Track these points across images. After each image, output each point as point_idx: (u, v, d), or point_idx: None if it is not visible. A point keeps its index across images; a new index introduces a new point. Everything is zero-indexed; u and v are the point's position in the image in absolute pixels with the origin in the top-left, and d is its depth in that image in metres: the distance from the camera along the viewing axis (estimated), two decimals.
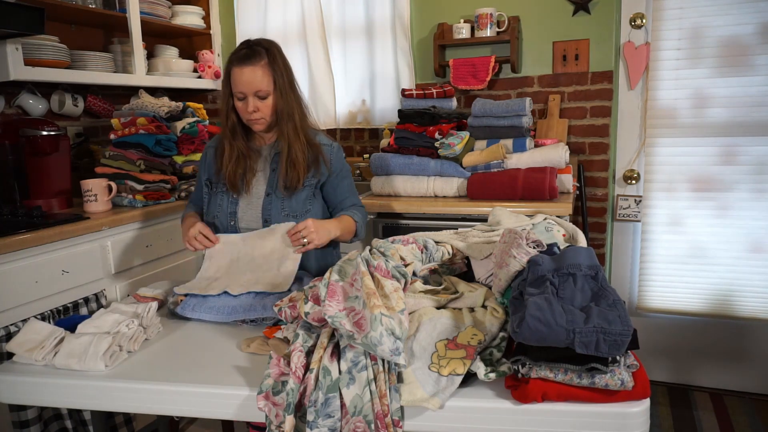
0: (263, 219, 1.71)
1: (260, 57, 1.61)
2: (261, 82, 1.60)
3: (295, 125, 1.68)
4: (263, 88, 1.61)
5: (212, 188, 1.77)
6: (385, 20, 2.85)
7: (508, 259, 1.17)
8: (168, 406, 1.10)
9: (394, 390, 0.97)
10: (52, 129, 2.27)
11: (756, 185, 2.47)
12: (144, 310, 1.29)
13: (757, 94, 2.41)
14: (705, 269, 2.60)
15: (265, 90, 1.62)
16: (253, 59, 1.60)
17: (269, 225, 1.69)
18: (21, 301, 1.82)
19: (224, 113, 1.69)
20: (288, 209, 1.71)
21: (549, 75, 2.68)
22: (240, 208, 1.73)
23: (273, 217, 1.70)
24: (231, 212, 1.73)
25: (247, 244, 1.63)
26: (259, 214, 1.71)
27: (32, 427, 1.75)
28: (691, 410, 2.50)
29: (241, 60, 1.60)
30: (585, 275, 1.04)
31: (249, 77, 1.59)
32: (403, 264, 1.25)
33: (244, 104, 1.63)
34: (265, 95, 1.62)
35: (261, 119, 1.65)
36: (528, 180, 2.23)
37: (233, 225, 1.73)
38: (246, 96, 1.62)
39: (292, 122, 1.67)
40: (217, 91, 3.31)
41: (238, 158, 1.71)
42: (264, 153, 1.76)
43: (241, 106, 1.64)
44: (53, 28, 2.42)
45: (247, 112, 1.63)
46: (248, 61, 1.60)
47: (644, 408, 0.92)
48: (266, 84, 1.61)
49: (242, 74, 1.60)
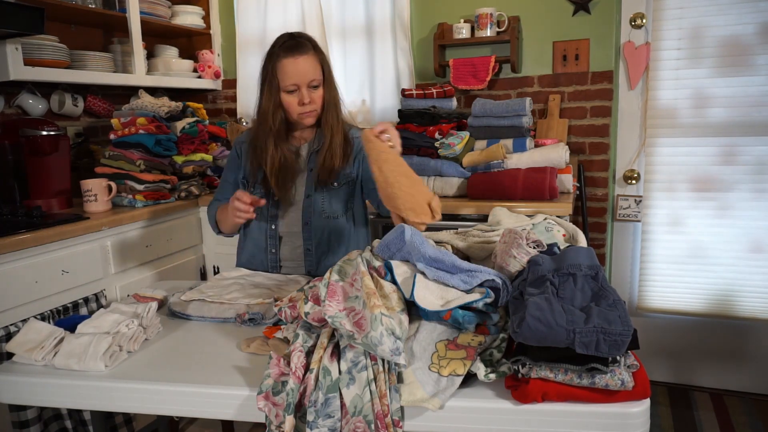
0: (303, 222, 1.68)
1: (307, 47, 1.58)
2: (315, 71, 1.58)
3: (337, 115, 1.66)
4: (317, 77, 1.59)
5: (248, 188, 1.71)
6: (385, 20, 2.85)
7: (508, 259, 1.17)
8: (168, 406, 1.10)
9: (394, 390, 0.97)
10: (52, 129, 2.27)
11: (756, 185, 2.47)
12: (144, 310, 1.29)
13: (757, 94, 2.41)
14: (705, 269, 2.60)
15: (318, 79, 1.59)
16: (302, 49, 1.57)
17: (309, 227, 1.67)
18: (21, 301, 1.82)
19: (269, 112, 1.62)
20: (328, 211, 1.68)
21: (549, 75, 2.68)
22: (281, 211, 1.70)
23: (313, 219, 1.67)
24: (272, 216, 1.70)
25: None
26: (300, 216, 1.68)
27: (32, 427, 1.75)
28: (691, 410, 2.50)
29: (290, 51, 1.56)
30: (585, 275, 1.04)
31: (303, 67, 1.56)
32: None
33: (295, 97, 1.59)
34: (318, 84, 1.60)
35: (314, 111, 1.62)
36: (528, 180, 2.23)
37: (273, 229, 1.70)
38: (299, 87, 1.58)
39: (335, 112, 1.65)
40: (217, 91, 3.31)
41: (282, 161, 1.65)
42: (303, 153, 1.72)
43: (292, 99, 1.59)
44: (53, 28, 2.42)
45: (300, 105, 1.59)
46: (298, 51, 1.56)
47: (644, 408, 0.92)
48: (318, 73, 1.59)
49: (296, 64, 1.56)
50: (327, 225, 1.69)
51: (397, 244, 1.16)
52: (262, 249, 1.72)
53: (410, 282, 1.09)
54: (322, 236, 1.69)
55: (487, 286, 1.09)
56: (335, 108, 1.66)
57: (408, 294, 1.08)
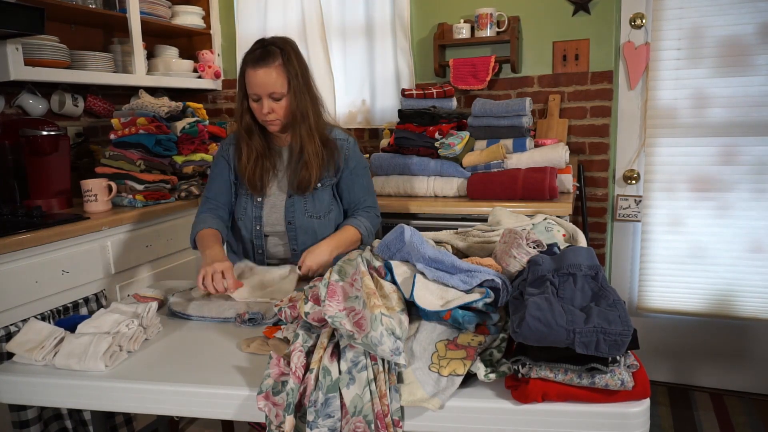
0: (286, 221, 1.70)
1: (274, 58, 1.57)
2: (275, 84, 1.57)
3: (309, 126, 1.65)
4: (277, 90, 1.58)
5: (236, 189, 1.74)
6: (385, 20, 2.85)
7: (508, 259, 1.17)
8: (168, 406, 1.10)
9: (394, 390, 0.97)
10: (52, 129, 2.27)
11: (756, 185, 2.47)
12: (144, 310, 1.29)
13: (757, 94, 2.41)
14: (705, 269, 2.60)
15: (279, 92, 1.59)
16: (267, 60, 1.56)
17: (293, 227, 1.68)
18: (21, 301, 1.82)
19: (239, 114, 1.66)
20: (311, 210, 1.69)
21: (549, 75, 2.68)
22: (264, 211, 1.71)
23: (296, 219, 1.68)
24: (256, 216, 1.71)
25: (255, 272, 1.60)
26: (282, 216, 1.70)
27: (32, 427, 1.75)
28: (691, 410, 2.50)
29: (255, 61, 1.57)
30: (585, 275, 1.04)
31: (263, 79, 1.56)
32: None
33: (258, 105, 1.61)
34: (279, 97, 1.59)
35: (276, 120, 1.63)
36: (528, 180, 2.23)
37: (258, 229, 1.71)
38: (260, 97, 1.59)
39: (306, 123, 1.64)
40: (217, 91, 3.31)
41: (256, 158, 1.67)
42: (284, 154, 1.73)
43: (256, 107, 1.62)
44: (53, 28, 2.42)
45: (262, 114, 1.61)
46: (263, 62, 1.56)
47: (644, 408, 0.92)
48: (280, 86, 1.58)
49: (256, 76, 1.56)
50: (311, 224, 1.71)
51: (396, 244, 1.16)
52: (249, 249, 1.75)
53: (410, 282, 1.09)
54: (307, 235, 1.70)
55: (487, 286, 1.09)
56: (305, 119, 1.64)
57: (408, 294, 1.08)
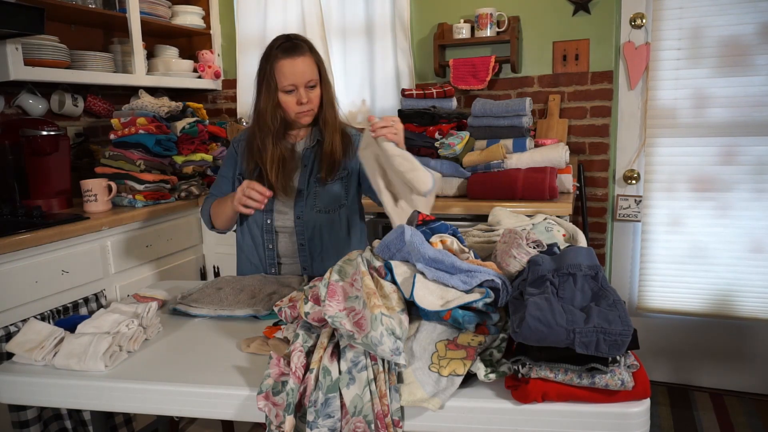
0: (295, 216, 1.71)
1: (304, 48, 1.62)
2: (312, 71, 1.62)
3: (335, 113, 1.70)
4: (314, 77, 1.63)
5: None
6: (385, 20, 2.85)
7: (508, 259, 1.17)
8: (168, 406, 1.10)
9: (394, 390, 0.97)
10: (52, 129, 2.27)
11: (756, 185, 2.47)
12: (144, 310, 1.29)
13: (757, 94, 2.41)
14: (705, 269, 2.60)
15: (315, 79, 1.63)
16: (299, 50, 1.61)
17: (302, 221, 1.70)
18: (21, 301, 1.82)
19: (268, 111, 1.64)
20: (320, 205, 1.71)
21: (549, 75, 2.68)
22: (275, 206, 1.73)
23: (305, 214, 1.70)
24: (267, 210, 1.72)
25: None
26: (292, 211, 1.71)
27: (32, 427, 1.75)
28: (691, 410, 2.50)
29: (288, 52, 1.60)
30: (585, 275, 1.04)
31: (301, 68, 1.60)
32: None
33: (293, 97, 1.63)
34: (315, 84, 1.64)
35: (311, 110, 1.66)
36: (528, 180, 2.23)
37: (269, 223, 1.73)
38: (296, 88, 1.62)
39: (332, 110, 1.69)
40: (217, 92, 3.31)
41: (281, 160, 1.68)
42: (298, 149, 1.75)
43: (290, 99, 1.63)
44: (53, 28, 2.42)
45: (298, 105, 1.63)
46: (295, 52, 1.60)
47: (644, 408, 0.92)
48: (315, 73, 1.63)
49: (295, 65, 1.60)
50: (318, 219, 1.71)
51: (396, 244, 1.16)
52: (260, 244, 1.75)
53: (410, 282, 1.09)
54: (314, 230, 1.72)
55: (487, 286, 1.09)
56: (332, 107, 1.70)
57: (408, 294, 1.08)
